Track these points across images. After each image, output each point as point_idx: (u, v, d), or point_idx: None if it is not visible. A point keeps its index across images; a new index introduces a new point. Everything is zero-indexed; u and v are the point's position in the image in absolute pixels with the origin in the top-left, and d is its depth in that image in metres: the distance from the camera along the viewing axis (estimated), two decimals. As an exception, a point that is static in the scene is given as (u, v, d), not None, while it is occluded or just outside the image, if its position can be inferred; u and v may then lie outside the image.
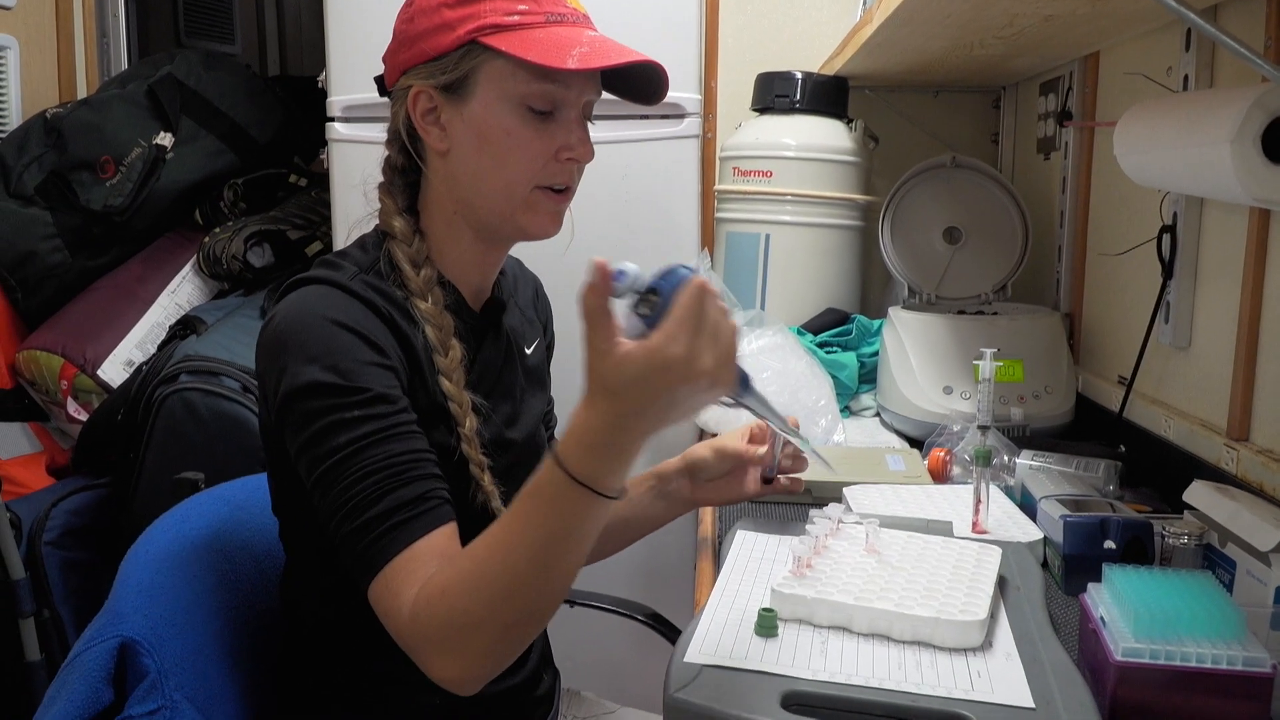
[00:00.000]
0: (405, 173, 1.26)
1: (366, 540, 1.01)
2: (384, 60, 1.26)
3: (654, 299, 0.90)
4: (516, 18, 1.15)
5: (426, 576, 0.99)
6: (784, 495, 1.43)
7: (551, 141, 1.19)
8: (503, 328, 1.33)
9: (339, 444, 1.03)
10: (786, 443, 1.36)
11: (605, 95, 1.26)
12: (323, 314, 1.09)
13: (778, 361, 1.98)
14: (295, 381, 1.06)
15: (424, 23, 1.18)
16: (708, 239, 2.53)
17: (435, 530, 1.03)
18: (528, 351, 1.40)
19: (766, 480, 1.40)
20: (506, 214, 1.21)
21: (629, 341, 0.89)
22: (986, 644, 1.00)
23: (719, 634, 1.02)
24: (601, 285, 0.89)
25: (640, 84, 1.26)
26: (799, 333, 2.22)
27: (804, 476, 1.51)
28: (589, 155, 1.22)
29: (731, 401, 1.01)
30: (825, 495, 1.53)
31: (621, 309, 0.91)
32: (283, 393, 1.07)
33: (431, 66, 1.18)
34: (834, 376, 2.07)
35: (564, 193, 1.23)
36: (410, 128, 1.22)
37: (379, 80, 1.28)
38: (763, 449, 1.38)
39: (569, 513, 0.93)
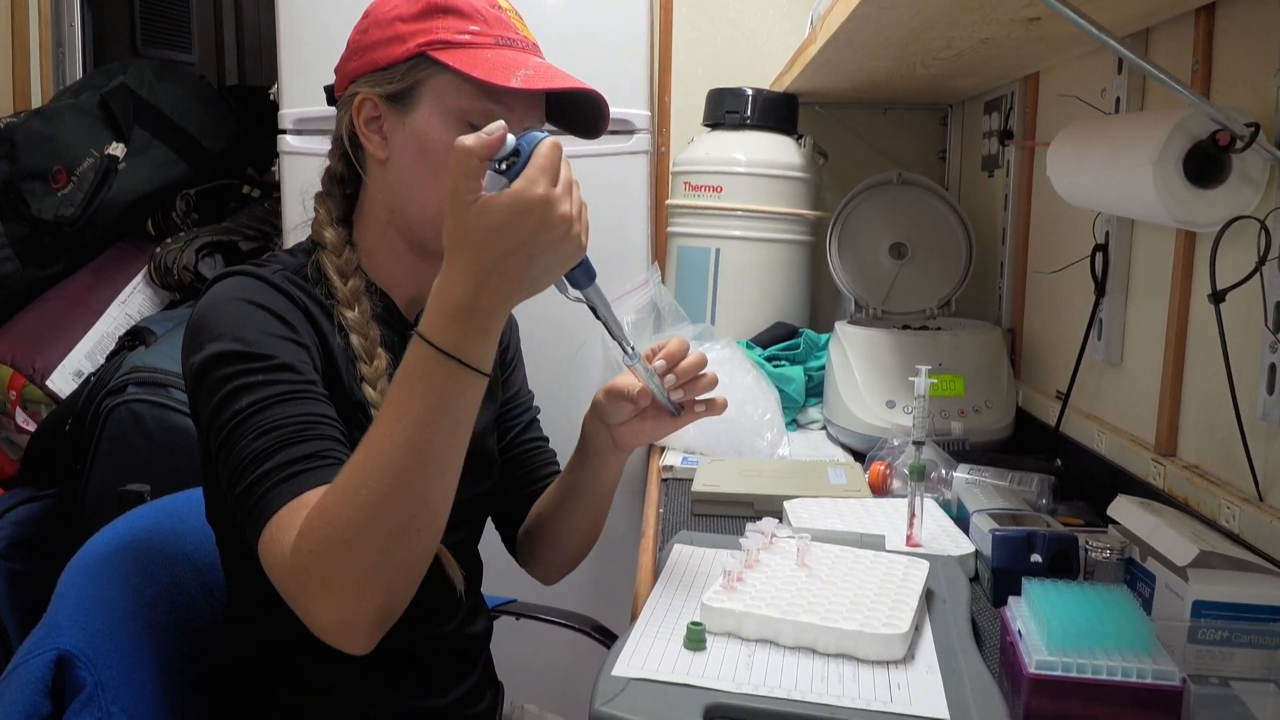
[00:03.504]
0: (344, 183, 1.29)
1: (258, 494, 1.01)
2: (335, 70, 1.28)
3: (514, 159, 0.94)
4: (467, 36, 1.19)
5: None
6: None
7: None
8: None
9: (240, 407, 1.04)
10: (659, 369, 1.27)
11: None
12: (235, 295, 1.12)
13: (725, 375, 2.00)
14: (203, 356, 1.07)
15: (377, 34, 1.21)
16: (659, 252, 2.55)
17: (327, 485, 1.00)
18: None
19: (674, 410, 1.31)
20: (437, 224, 1.21)
21: (492, 193, 0.92)
22: (909, 657, 1.02)
23: (649, 647, 1.03)
24: (490, 146, 0.92)
25: (583, 116, 1.30)
26: (748, 346, 2.24)
27: (743, 489, 1.54)
28: None
29: (578, 295, 1.07)
30: (766, 508, 1.55)
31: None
32: (193, 372, 1.09)
33: (379, 76, 1.21)
34: (781, 390, 2.09)
35: None
36: (353, 134, 1.24)
37: (329, 90, 1.30)
38: (638, 384, 1.29)
39: (439, 390, 0.94)
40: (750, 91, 2.41)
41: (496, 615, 1.66)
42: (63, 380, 2.45)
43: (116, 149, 2.62)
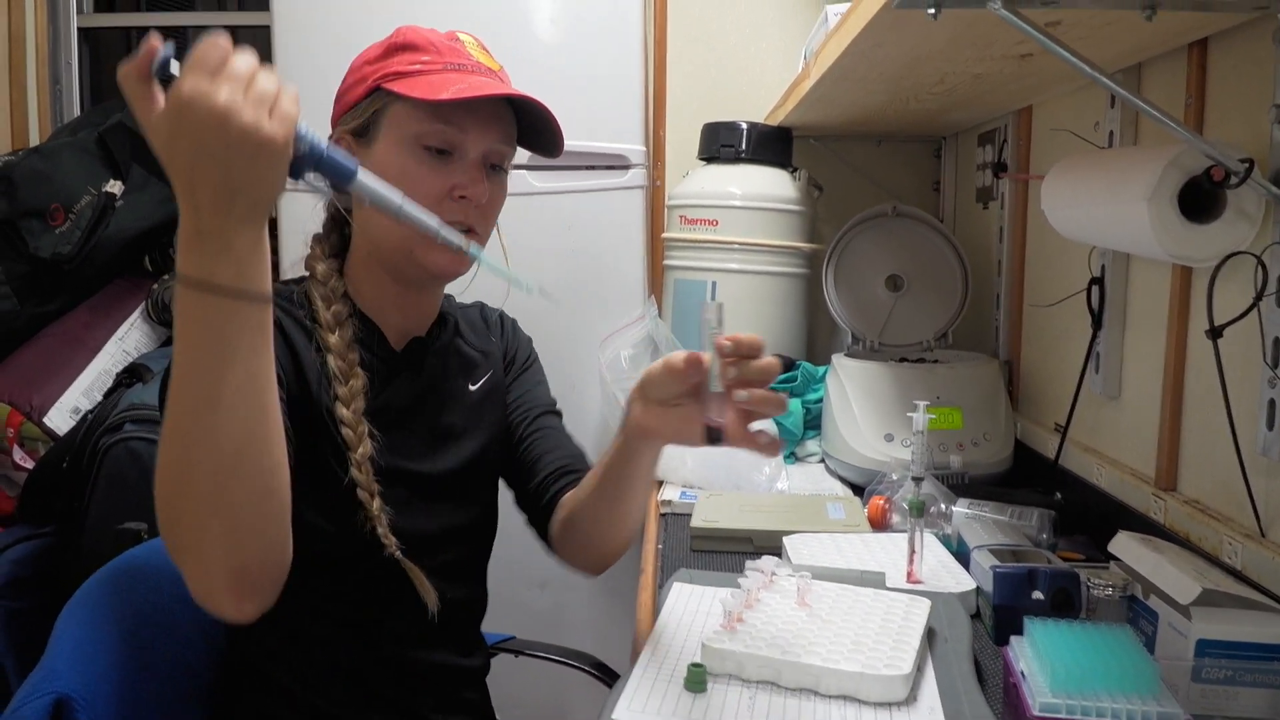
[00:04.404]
0: (338, 223, 1.35)
1: None
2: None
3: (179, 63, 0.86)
4: (418, 66, 1.26)
5: None
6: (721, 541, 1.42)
7: (446, 180, 1.25)
8: (424, 368, 1.37)
9: None
10: (725, 369, 1.08)
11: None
12: None
13: (723, 409, 2.01)
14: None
15: (349, 79, 1.31)
16: (656, 286, 2.55)
17: None
18: (471, 388, 1.43)
19: (712, 436, 1.11)
20: (407, 251, 1.27)
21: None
22: (911, 698, 1.02)
23: (649, 689, 1.03)
24: (140, 64, 0.86)
25: (546, 137, 1.34)
26: (745, 379, 2.23)
27: (742, 524, 1.53)
28: (482, 195, 1.27)
29: (358, 196, 0.96)
30: (765, 544, 1.55)
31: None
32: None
33: (348, 115, 1.29)
34: (779, 423, 2.09)
35: (467, 234, 1.26)
36: None
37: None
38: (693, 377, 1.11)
39: (203, 323, 0.88)
40: (745, 125, 2.42)
41: (495, 652, 1.65)
42: (60, 417, 2.45)
43: (114, 186, 2.62)
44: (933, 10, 1.08)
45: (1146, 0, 1.09)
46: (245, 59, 0.87)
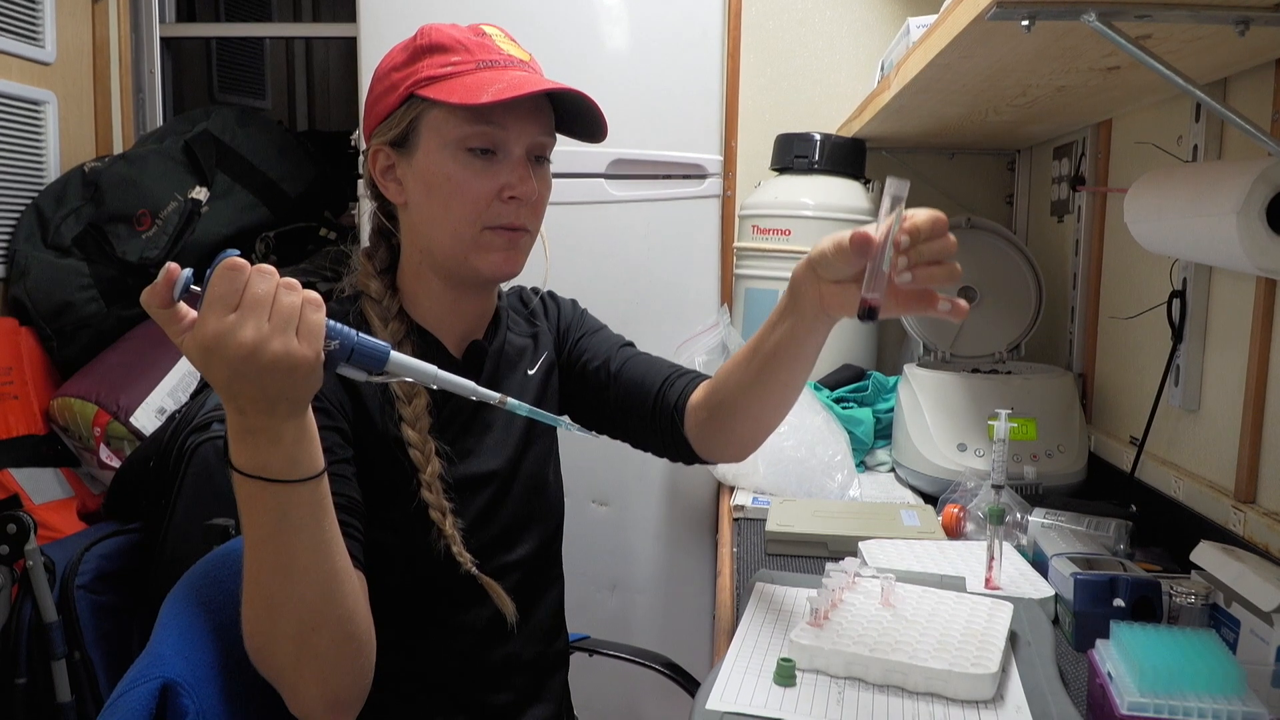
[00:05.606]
0: (386, 236, 1.34)
1: None
2: None
3: (198, 289, 0.89)
4: (449, 68, 1.23)
5: None
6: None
7: (494, 181, 1.24)
8: (484, 369, 1.36)
9: None
10: (896, 253, 1.05)
11: (624, 154, 1.31)
12: None
13: (794, 417, 2.02)
14: None
15: (378, 88, 1.28)
16: (727, 294, 2.58)
17: None
18: (530, 373, 1.44)
19: (867, 313, 1.07)
20: (460, 256, 1.26)
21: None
22: (998, 697, 1.04)
23: (739, 682, 1.05)
24: (157, 293, 0.89)
25: (587, 122, 1.31)
26: (816, 388, 2.25)
27: (818, 529, 1.54)
28: (532, 193, 1.26)
29: (363, 374, 0.98)
30: (840, 549, 1.57)
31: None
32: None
33: (383, 126, 1.27)
34: (850, 432, 2.11)
35: (517, 231, 1.27)
36: (376, 188, 1.30)
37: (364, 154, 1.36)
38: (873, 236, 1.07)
39: (264, 506, 0.94)
40: (818, 136, 2.44)
41: (570, 651, 1.68)
42: (146, 417, 2.51)
43: (200, 193, 2.69)
44: (1026, 22, 1.10)
45: (1240, 15, 1.10)
46: (262, 281, 0.89)
